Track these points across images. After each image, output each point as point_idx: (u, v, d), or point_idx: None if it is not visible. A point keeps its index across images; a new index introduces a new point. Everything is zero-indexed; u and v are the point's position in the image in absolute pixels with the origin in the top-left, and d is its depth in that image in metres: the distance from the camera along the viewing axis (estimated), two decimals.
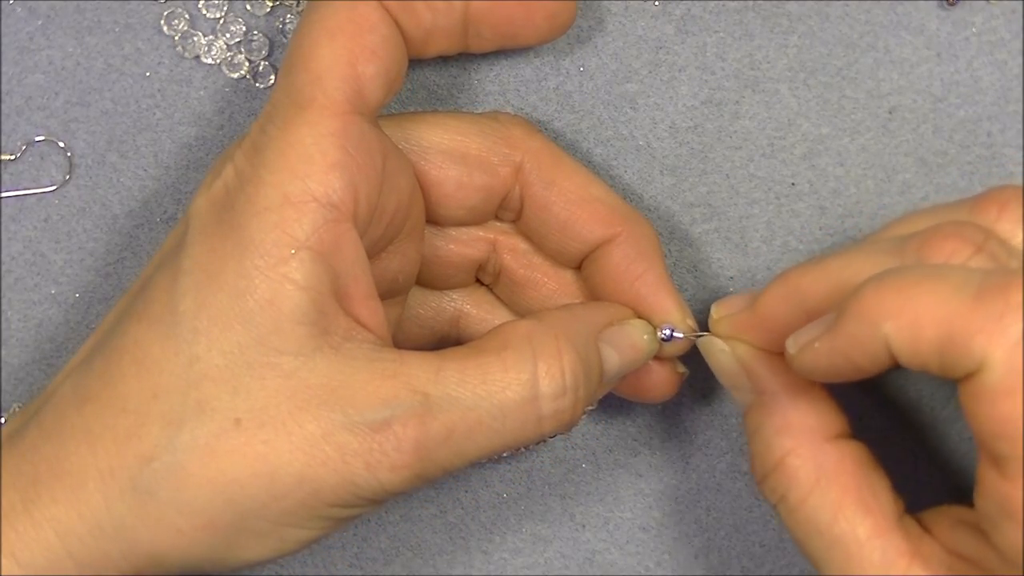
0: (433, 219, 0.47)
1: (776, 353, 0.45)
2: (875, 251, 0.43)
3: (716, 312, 0.46)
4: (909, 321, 0.39)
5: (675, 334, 0.46)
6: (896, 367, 0.40)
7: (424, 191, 0.46)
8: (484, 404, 0.41)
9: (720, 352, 0.46)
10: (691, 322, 0.47)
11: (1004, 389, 0.38)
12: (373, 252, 0.44)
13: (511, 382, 0.42)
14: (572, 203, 0.47)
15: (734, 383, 0.46)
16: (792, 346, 0.42)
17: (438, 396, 0.41)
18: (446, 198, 0.46)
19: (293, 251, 0.41)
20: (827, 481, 0.43)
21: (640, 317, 0.47)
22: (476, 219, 0.48)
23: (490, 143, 0.46)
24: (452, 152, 0.46)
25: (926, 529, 0.43)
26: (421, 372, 0.41)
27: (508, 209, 0.48)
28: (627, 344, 0.46)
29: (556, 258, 0.48)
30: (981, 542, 0.41)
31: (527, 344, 0.42)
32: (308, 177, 0.41)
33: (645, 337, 0.46)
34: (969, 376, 0.39)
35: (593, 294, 0.48)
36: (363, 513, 0.42)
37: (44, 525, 0.40)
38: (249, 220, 0.41)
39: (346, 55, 0.42)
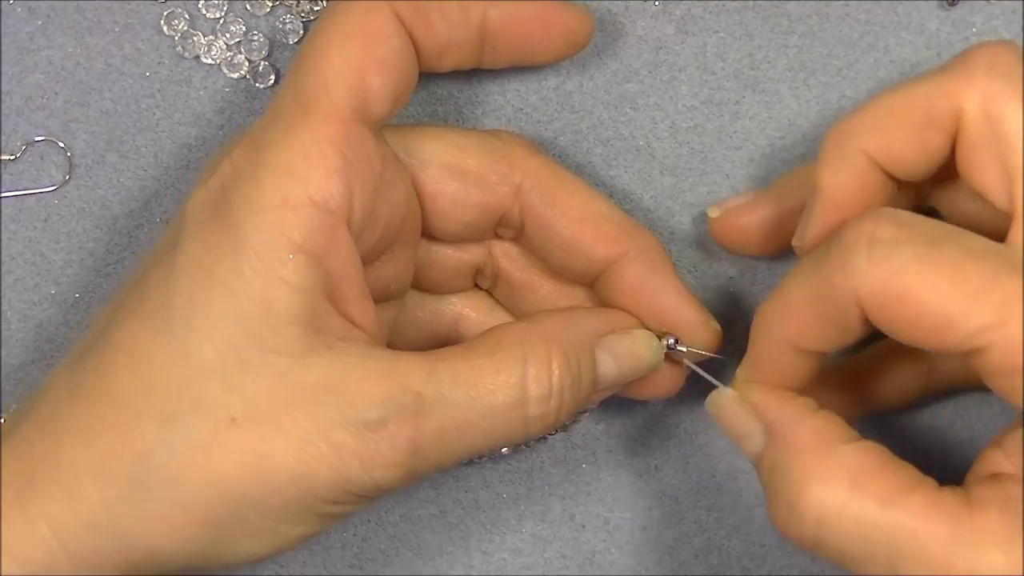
0: (429, 233, 0.47)
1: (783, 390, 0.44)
2: None
3: (713, 213, 0.49)
4: None
5: (679, 347, 0.46)
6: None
7: (420, 204, 0.46)
8: (475, 405, 0.42)
9: (733, 402, 0.45)
10: (715, 325, 0.47)
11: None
12: (367, 260, 0.44)
13: (501, 385, 0.42)
14: (575, 222, 0.46)
15: (747, 430, 0.44)
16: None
17: (431, 396, 0.41)
18: (441, 212, 0.46)
19: (290, 255, 0.41)
20: (865, 475, 0.41)
21: (648, 328, 0.46)
22: (473, 236, 0.47)
23: (490, 161, 0.46)
24: (450, 167, 0.46)
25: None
26: (415, 372, 0.41)
27: (508, 227, 0.47)
28: (627, 354, 0.46)
29: (562, 276, 0.48)
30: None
31: (518, 347, 0.43)
32: (307, 181, 0.41)
33: (649, 348, 0.46)
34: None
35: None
36: (355, 510, 0.42)
37: (39, 521, 0.40)
38: (245, 219, 0.41)
39: (356, 63, 0.42)
